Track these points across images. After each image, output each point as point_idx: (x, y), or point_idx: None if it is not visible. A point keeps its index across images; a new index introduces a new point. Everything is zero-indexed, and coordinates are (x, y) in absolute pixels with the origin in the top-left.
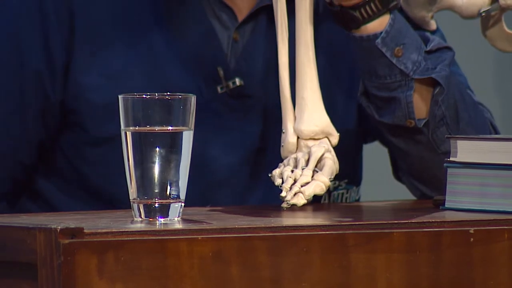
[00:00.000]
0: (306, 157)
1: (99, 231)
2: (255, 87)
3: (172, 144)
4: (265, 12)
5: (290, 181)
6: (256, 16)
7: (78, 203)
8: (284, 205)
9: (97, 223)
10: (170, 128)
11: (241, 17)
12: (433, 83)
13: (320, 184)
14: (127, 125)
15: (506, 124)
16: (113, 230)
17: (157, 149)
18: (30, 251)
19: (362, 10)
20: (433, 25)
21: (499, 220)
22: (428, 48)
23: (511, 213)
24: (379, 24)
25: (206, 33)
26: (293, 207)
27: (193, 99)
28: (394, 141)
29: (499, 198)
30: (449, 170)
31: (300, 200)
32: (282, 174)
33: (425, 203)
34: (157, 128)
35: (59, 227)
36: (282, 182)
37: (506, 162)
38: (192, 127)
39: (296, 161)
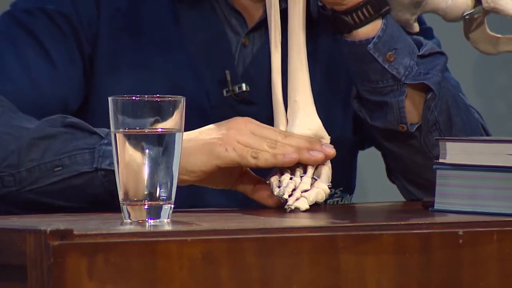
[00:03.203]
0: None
1: (89, 233)
2: (261, 94)
3: (162, 146)
4: None
5: (291, 186)
6: (266, 23)
7: None
8: (286, 207)
9: (87, 225)
10: (160, 130)
11: (251, 23)
12: (425, 88)
13: (321, 191)
14: (116, 126)
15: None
16: (103, 232)
17: (147, 150)
18: (20, 253)
19: (354, 15)
20: (416, 27)
21: (488, 221)
22: (421, 53)
23: (500, 215)
24: (371, 29)
25: (217, 36)
26: (283, 208)
27: (182, 100)
28: (386, 145)
29: (488, 200)
30: (439, 172)
31: (304, 204)
32: (281, 181)
33: (414, 205)
34: (146, 130)
35: (49, 229)
36: (281, 195)
37: (495, 164)
38: (182, 128)
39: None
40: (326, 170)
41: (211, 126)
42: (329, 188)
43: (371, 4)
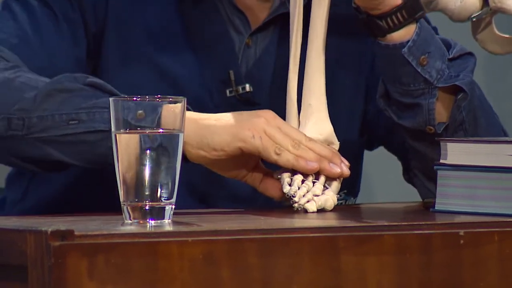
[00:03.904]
0: None
1: (90, 233)
2: (263, 95)
3: (163, 146)
4: (279, 21)
5: (304, 190)
6: (269, 25)
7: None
8: (296, 205)
9: (87, 225)
10: (161, 130)
11: (254, 23)
12: (455, 89)
13: (330, 199)
14: (117, 127)
15: None
16: (104, 233)
17: (148, 151)
18: (20, 253)
19: (389, 20)
20: None
21: (489, 222)
22: (451, 56)
23: (500, 215)
24: (405, 33)
25: (220, 35)
26: (284, 209)
27: (183, 101)
28: (411, 143)
29: (489, 200)
30: (439, 173)
31: (312, 207)
32: (293, 181)
33: (415, 206)
34: (147, 130)
35: (50, 229)
36: (292, 195)
37: (496, 165)
38: (183, 129)
39: None
40: (337, 181)
41: (241, 111)
42: (337, 199)
43: (406, 9)
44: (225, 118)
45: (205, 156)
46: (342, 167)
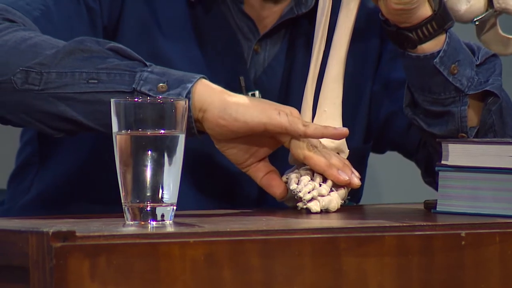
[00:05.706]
0: None
1: (91, 234)
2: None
3: (164, 147)
4: (288, 28)
5: (310, 187)
6: (278, 30)
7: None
8: (300, 204)
9: (89, 226)
10: (162, 131)
11: (262, 28)
12: (485, 93)
13: (334, 202)
14: (119, 128)
15: None
16: (105, 234)
17: (149, 152)
18: (22, 255)
19: (419, 31)
20: None
21: (490, 223)
22: (478, 62)
23: (502, 217)
24: (435, 44)
25: (229, 42)
26: (286, 210)
27: (185, 102)
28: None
29: (491, 202)
30: (441, 174)
31: (316, 207)
32: (300, 180)
33: (416, 207)
34: (149, 132)
35: (51, 230)
36: (298, 191)
37: (498, 166)
38: (184, 130)
39: (312, 172)
40: (345, 189)
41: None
42: (341, 205)
43: (435, 20)
44: (252, 99)
45: (224, 125)
46: (352, 177)
